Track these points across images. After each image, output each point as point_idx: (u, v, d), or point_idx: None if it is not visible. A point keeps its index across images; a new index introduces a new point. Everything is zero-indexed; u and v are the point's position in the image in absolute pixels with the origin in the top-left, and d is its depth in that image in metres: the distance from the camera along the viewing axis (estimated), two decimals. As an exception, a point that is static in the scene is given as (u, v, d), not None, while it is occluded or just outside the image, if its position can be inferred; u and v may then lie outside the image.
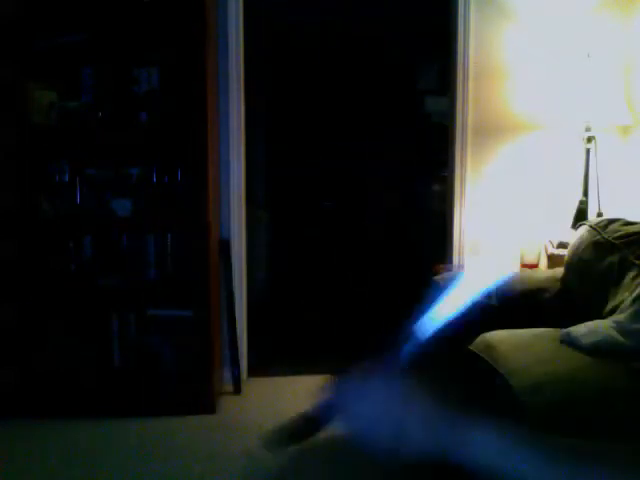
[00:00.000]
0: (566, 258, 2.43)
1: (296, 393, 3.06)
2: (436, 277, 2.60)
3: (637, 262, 2.03)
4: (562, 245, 2.74)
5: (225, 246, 3.06)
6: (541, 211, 3.05)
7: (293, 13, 5.04)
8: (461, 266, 3.10)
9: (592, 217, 2.75)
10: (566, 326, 1.98)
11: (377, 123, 5.57)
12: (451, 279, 2.45)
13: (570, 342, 1.86)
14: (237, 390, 3.07)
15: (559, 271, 2.49)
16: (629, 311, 1.84)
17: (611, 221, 2.33)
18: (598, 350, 1.77)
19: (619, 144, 3.01)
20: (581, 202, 2.81)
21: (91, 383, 2.81)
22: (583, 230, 2.39)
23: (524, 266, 2.87)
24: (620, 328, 1.79)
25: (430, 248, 3.90)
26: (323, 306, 4.70)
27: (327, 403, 0.90)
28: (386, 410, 0.84)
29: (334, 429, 0.90)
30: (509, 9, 3.00)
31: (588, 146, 2.81)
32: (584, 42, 2.83)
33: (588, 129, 2.80)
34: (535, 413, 1.60)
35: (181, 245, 2.86)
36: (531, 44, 3.00)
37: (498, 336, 2.10)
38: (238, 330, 3.12)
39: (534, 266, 2.86)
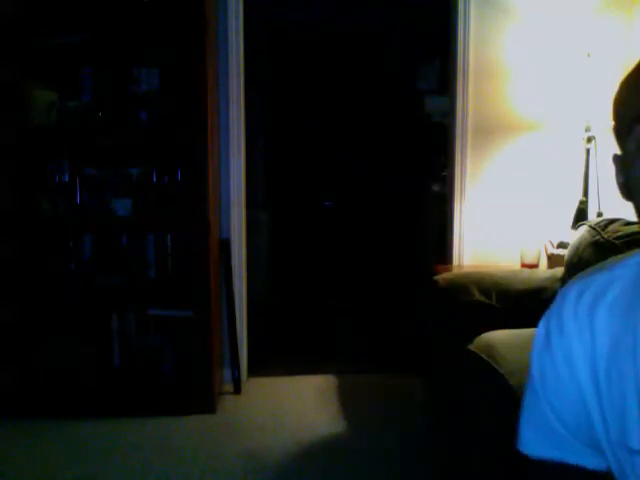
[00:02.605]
0: (566, 258, 2.43)
1: (296, 393, 3.06)
2: (436, 277, 2.60)
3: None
4: (562, 245, 2.74)
5: (225, 246, 3.06)
6: (541, 211, 3.05)
7: (293, 13, 5.05)
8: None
9: (592, 217, 2.75)
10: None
11: (377, 123, 5.57)
12: None
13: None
14: (237, 390, 3.07)
15: (559, 271, 2.49)
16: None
17: (611, 221, 2.33)
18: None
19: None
20: (581, 202, 2.81)
21: (91, 383, 2.81)
22: (583, 230, 2.39)
23: (524, 266, 2.87)
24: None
25: (430, 248, 3.90)
26: (323, 306, 4.69)
27: None
28: None
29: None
30: (509, 9, 3.00)
31: (588, 146, 2.80)
32: (584, 42, 2.83)
33: (588, 129, 2.79)
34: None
35: (181, 245, 2.86)
36: (531, 44, 2.99)
37: (498, 336, 2.10)
38: (238, 330, 3.12)
39: (534, 266, 2.86)
